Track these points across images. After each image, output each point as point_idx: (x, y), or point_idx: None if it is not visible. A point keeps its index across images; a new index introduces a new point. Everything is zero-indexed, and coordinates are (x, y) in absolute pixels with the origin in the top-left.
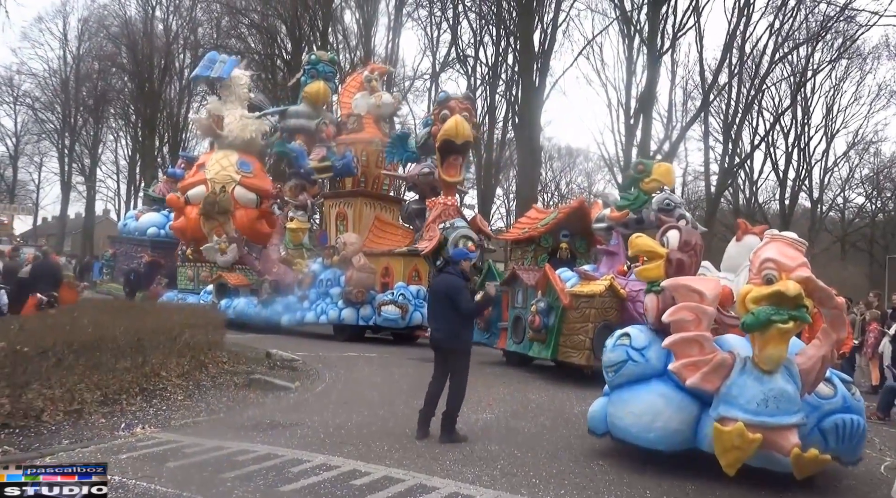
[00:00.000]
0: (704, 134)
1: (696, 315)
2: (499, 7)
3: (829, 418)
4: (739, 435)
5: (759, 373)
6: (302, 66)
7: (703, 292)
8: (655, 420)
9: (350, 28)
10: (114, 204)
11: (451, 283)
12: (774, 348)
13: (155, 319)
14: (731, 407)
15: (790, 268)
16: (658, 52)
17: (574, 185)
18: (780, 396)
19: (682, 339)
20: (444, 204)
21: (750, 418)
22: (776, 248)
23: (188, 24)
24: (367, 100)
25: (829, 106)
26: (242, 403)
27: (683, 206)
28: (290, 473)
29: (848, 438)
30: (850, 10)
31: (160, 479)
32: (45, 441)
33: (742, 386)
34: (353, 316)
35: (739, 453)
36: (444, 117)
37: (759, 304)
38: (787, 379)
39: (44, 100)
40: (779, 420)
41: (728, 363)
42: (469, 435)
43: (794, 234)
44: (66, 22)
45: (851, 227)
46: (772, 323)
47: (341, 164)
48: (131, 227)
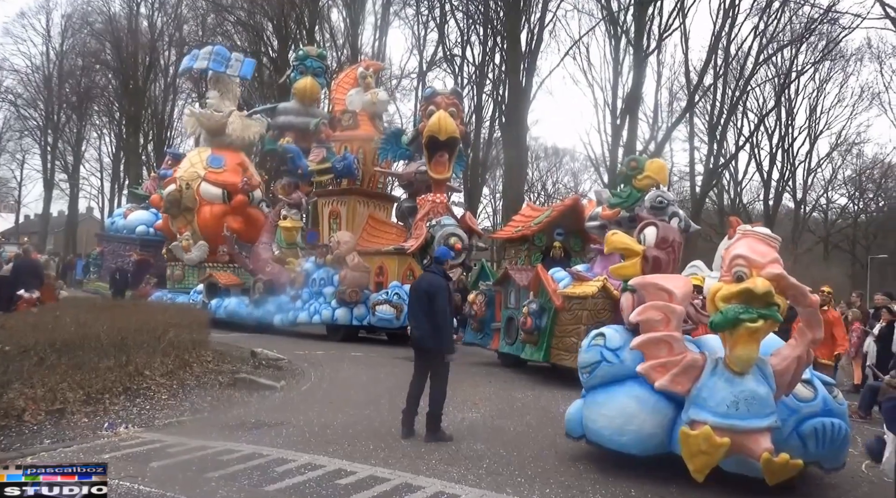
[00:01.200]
0: (690, 134)
1: (665, 314)
2: (486, 6)
3: (808, 422)
4: (706, 439)
5: (730, 374)
6: (290, 63)
7: (673, 291)
8: (629, 423)
9: (337, 26)
10: (97, 202)
11: (432, 282)
12: (744, 349)
13: (139, 317)
14: (701, 410)
15: (761, 265)
16: (644, 53)
17: (560, 184)
18: (752, 399)
19: (650, 339)
20: (433, 201)
21: (719, 421)
22: (747, 244)
23: (173, 20)
24: (361, 96)
25: (812, 107)
26: (227, 402)
27: (676, 204)
28: (275, 473)
29: (829, 443)
30: (834, 13)
31: (144, 479)
32: (26, 441)
33: (712, 388)
34: (347, 316)
35: (707, 458)
36: (430, 113)
37: (728, 302)
38: (760, 380)
39: (26, 96)
40: (749, 423)
41: (698, 364)
42: (455, 434)
43: (767, 229)
44: (50, 18)
45: (834, 227)
46: (740, 322)
47: (342, 166)
48: (119, 224)
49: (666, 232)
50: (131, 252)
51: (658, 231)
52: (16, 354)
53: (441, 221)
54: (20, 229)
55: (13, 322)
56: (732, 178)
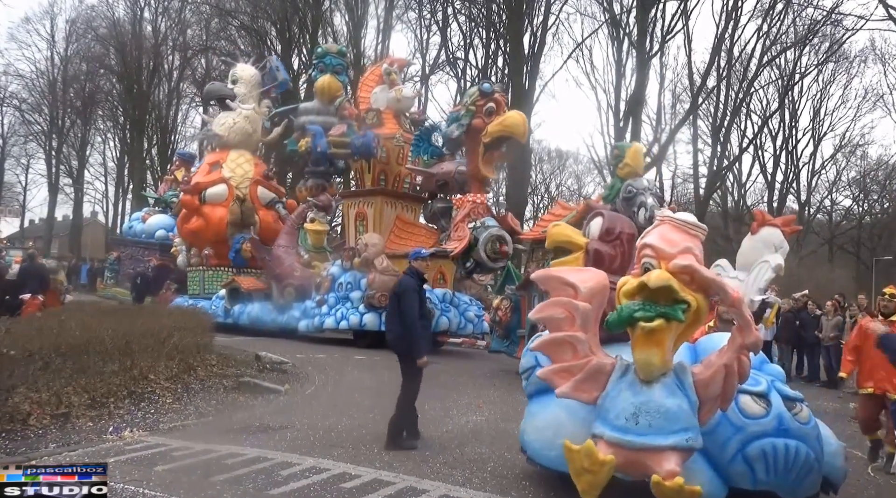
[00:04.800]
0: (693, 136)
1: (568, 312)
2: (488, 10)
3: (756, 443)
4: (588, 455)
5: (637, 383)
6: (311, 62)
7: (577, 285)
8: (558, 436)
9: (340, 30)
10: (102, 206)
11: (402, 282)
12: (641, 352)
13: (143, 321)
14: (601, 422)
15: (669, 255)
16: (647, 55)
17: (564, 187)
18: (655, 412)
19: (552, 340)
20: (474, 202)
21: (616, 436)
22: (659, 232)
23: (177, 25)
24: (386, 93)
25: (816, 109)
26: (231, 406)
27: (649, 192)
28: (279, 477)
29: (782, 469)
30: (837, 15)
31: (149, 483)
32: (31, 445)
33: (615, 397)
34: (376, 321)
35: (592, 477)
36: (489, 110)
37: (631, 298)
38: (673, 392)
39: (31, 101)
40: (648, 440)
41: (605, 370)
42: (459, 437)
43: (690, 215)
44: (54, 23)
45: (839, 229)
46: (635, 321)
47: (360, 143)
48: (137, 229)
49: (612, 223)
50: (150, 257)
51: (603, 222)
52: (21, 358)
53: (484, 223)
54: (25, 234)
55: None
56: (736, 180)
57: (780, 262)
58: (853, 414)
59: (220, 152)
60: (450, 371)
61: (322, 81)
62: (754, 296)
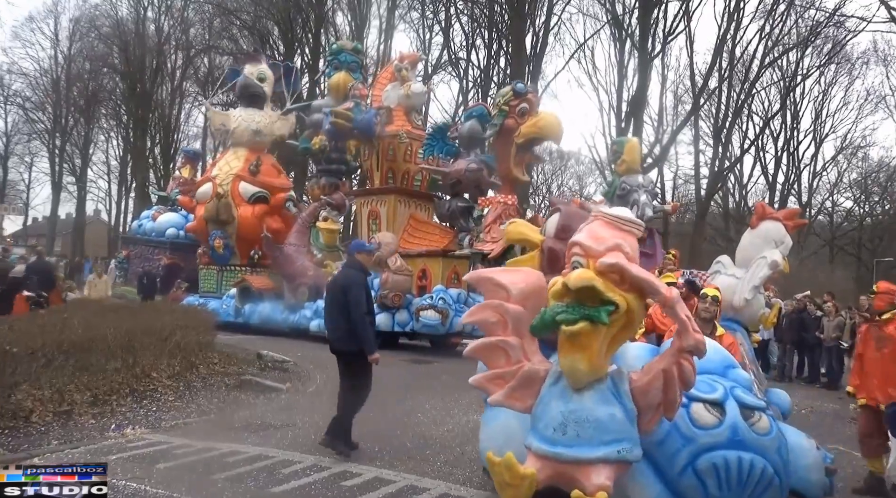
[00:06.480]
0: (695, 137)
1: (500, 316)
2: (491, 10)
3: (706, 455)
4: (508, 468)
5: (567, 391)
6: (325, 59)
7: (508, 287)
8: (508, 444)
9: (342, 30)
10: (105, 204)
11: (348, 277)
12: (566, 357)
13: (146, 319)
14: (532, 432)
15: (597, 253)
16: (649, 56)
17: (566, 187)
18: (585, 422)
19: (484, 345)
20: (504, 203)
21: (543, 449)
22: (588, 229)
23: (180, 24)
24: (396, 91)
25: (817, 110)
26: (233, 404)
27: (643, 189)
28: (281, 474)
29: (735, 483)
30: (839, 16)
31: (150, 480)
32: (34, 442)
33: (546, 406)
34: (389, 322)
35: (514, 491)
36: (522, 110)
37: (560, 300)
38: (604, 400)
39: (34, 100)
40: (575, 452)
41: (538, 376)
42: (459, 436)
43: (626, 210)
44: (58, 22)
45: (840, 230)
46: (557, 324)
47: (361, 119)
48: (147, 227)
49: (569, 220)
50: (160, 256)
51: (559, 219)
52: (24, 355)
53: None
54: (28, 232)
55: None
56: (737, 181)
57: (777, 258)
58: (853, 414)
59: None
60: (451, 370)
61: (336, 78)
62: (748, 294)
